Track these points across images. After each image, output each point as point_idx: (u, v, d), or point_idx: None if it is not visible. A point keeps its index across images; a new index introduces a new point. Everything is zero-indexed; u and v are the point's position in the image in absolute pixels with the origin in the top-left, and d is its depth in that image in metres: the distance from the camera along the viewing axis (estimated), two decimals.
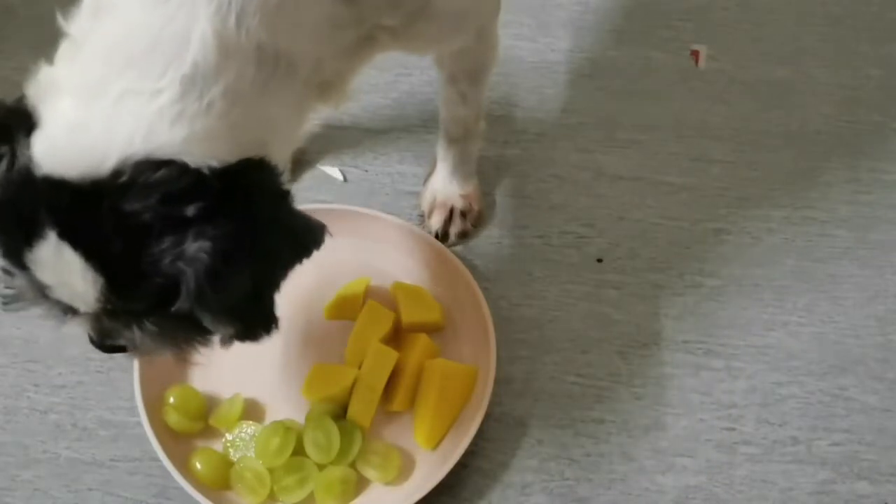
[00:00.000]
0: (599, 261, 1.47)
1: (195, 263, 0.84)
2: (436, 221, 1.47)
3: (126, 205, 0.83)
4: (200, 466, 1.27)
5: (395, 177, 1.54)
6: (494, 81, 1.46)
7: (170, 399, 1.30)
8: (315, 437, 1.27)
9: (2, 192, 0.87)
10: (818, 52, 1.66)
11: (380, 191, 1.53)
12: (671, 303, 1.44)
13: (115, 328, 0.94)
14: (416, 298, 1.38)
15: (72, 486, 1.32)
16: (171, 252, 0.84)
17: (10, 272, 0.90)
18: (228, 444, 1.30)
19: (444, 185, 1.47)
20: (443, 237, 1.46)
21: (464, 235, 1.48)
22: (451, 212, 1.47)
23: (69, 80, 0.86)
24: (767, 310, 1.43)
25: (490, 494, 1.31)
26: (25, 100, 0.88)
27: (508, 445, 1.33)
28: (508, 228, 1.50)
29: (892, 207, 1.51)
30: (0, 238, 0.89)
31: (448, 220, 1.47)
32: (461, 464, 1.28)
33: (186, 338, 0.96)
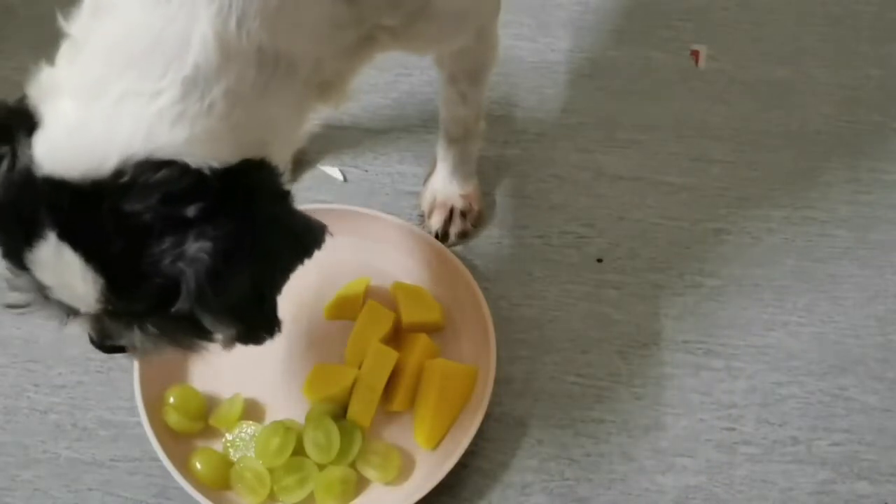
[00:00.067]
0: (599, 261, 1.47)
1: (195, 264, 0.84)
2: (436, 221, 1.47)
3: (127, 205, 0.83)
4: (200, 466, 1.27)
5: (395, 177, 1.54)
6: (494, 81, 1.46)
7: (170, 399, 1.31)
8: (315, 437, 1.27)
9: (2, 193, 0.87)
10: (818, 52, 1.66)
11: (380, 191, 1.53)
12: (671, 303, 1.44)
13: (116, 329, 0.94)
14: (416, 298, 1.38)
15: (72, 486, 1.32)
16: (172, 252, 0.84)
17: (14, 273, 0.90)
18: (228, 444, 1.30)
19: (444, 185, 1.47)
20: (443, 237, 1.46)
21: (464, 235, 1.48)
22: (451, 212, 1.47)
23: (70, 81, 0.86)
24: (767, 310, 1.43)
25: (490, 494, 1.31)
26: (26, 100, 0.88)
27: (508, 445, 1.33)
28: (508, 228, 1.50)
29: (892, 207, 1.51)
30: (1, 238, 0.89)
31: (448, 220, 1.47)
32: (461, 464, 1.28)
33: (187, 338, 0.96)
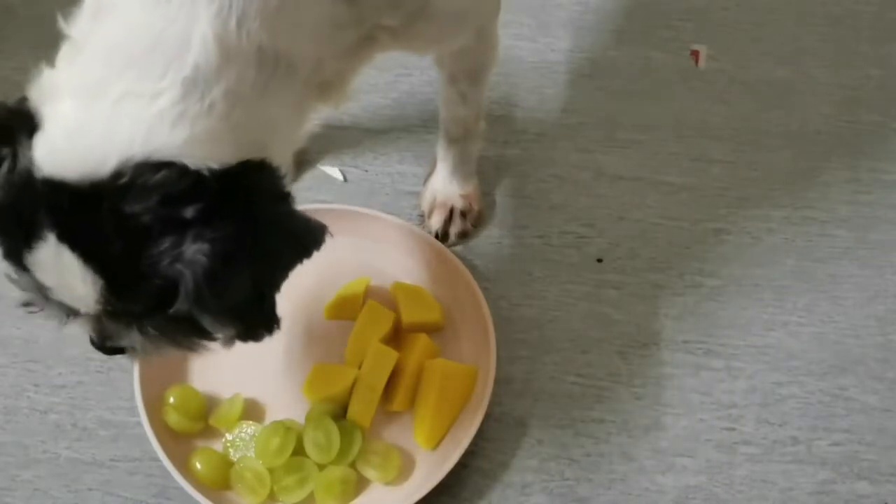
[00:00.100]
0: (599, 261, 1.47)
1: (193, 265, 0.84)
2: (436, 221, 1.47)
3: (125, 206, 0.83)
4: (200, 466, 1.27)
5: (395, 177, 1.54)
6: (494, 81, 1.46)
7: (170, 399, 1.30)
8: (315, 437, 1.27)
9: (3, 194, 0.87)
10: (818, 52, 1.66)
11: (380, 191, 1.53)
12: (671, 303, 1.44)
13: (116, 329, 0.94)
14: (416, 298, 1.38)
15: (72, 486, 1.32)
16: (170, 254, 0.84)
17: (16, 274, 0.90)
18: (228, 444, 1.30)
19: (444, 185, 1.47)
20: (443, 237, 1.46)
21: (464, 235, 1.48)
22: (451, 212, 1.47)
23: (69, 82, 0.86)
24: (767, 310, 1.43)
25: (490, 494, 1.31)
26: (28, 102, 0.88)
27: (508, 445, 1.33)
28: (508, 228, 1.50)
29: (892, 207, 1.51)
30: (1, 239, 0.89)
31: (448, 220, 1.47)
32: (461, 464, 1.28)
33: (186, 339, 0.96)
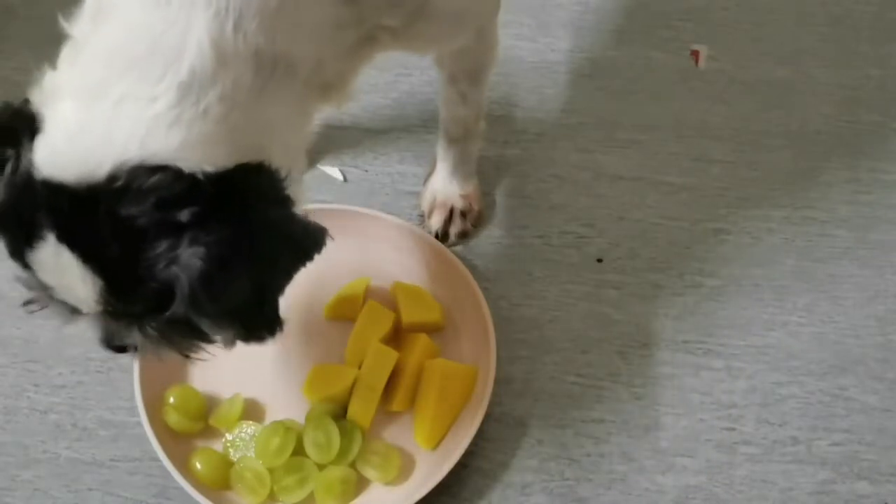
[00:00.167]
0: (599, 261, 1.47)
1: (188, 269, 0.84)
2: (436, 221, 1.47)
3: (121, 209, 0.84)
4: (200, 466, 1.27)
5: (395, 177, 1.54)
6: (494, 81, 1.46)
7: (170, 399, 1.31)
8: (315, 437, 1.27)
9: (6, 195, 0.88)
10: (818, 52, 1.66)
11: (380, 191, 1.53)
12: (671, 303, 1.44)
13: (118, 329, 0.94)
14: (416, 298, 1.38)
15: (72, 486, 1.32)
16: (166, 257, 0.85)
17: (22, 272, 0.91)
18: (228, 444, 1.30)
19: (444, 185, 1.47)
20: (443, 237, 1.46)
21: (464, 235, 1.48)
22: (451, 212, 1.47)
23: (70, 84, 0.87)
24: (767, 310, 1.43)
25: (490, 494, 1.31)
26: (30, 103, 0.89)
27: (508, 445, 1.33)
28: (508, 228, 1.50)
29: (892, 207, 1.52)
30: (4, 239, 0.90)
31: (448, 220, 1.47)
32: (461, 464, 1.28)
33: (186, 341, 0.96)
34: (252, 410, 1.34)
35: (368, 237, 1.43)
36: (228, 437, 1.30)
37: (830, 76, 1.63)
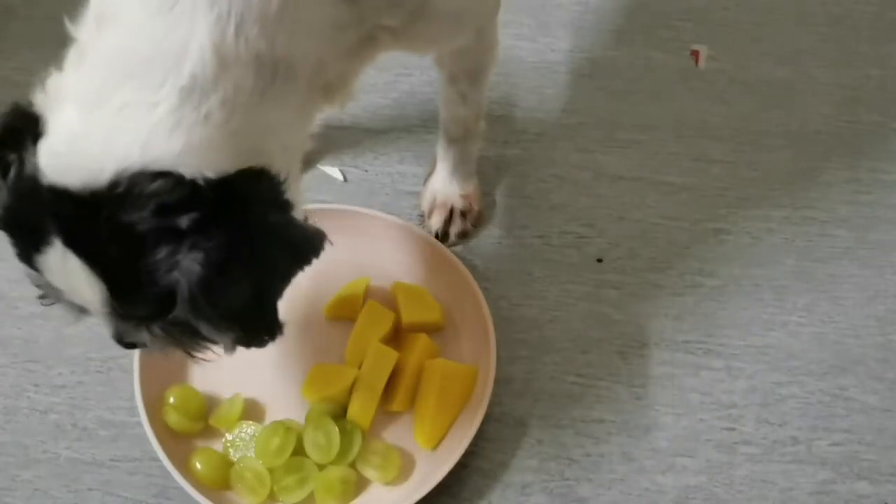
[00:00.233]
0: (599, 261, 1.47)
1: (188, 274, 0.85)
2: (436, 221, 1.47)
3: (123, 216, 0.84)
4: (200, 466, 1.27)
5: (395, 177, 1.54)
6: (494, 81, 1.46)
7: (170, 399, 1.30)
8: (315, 437, 1.27)
9: (12, 199, 0.88)
10: (818, 52, 1.66)
11: (380, 191, 1.53)
12: (671, 303, 1.44)
13: (126, 329, 0.95)
14: (416, 298, 1.38)
15: (72, 486, 1.32)
16: (167, 262, 0.85)
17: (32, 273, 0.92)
18: (228, 444, 1.30)
19: (444, 185, 1.47)
20: (443, 237, 1.46)
21: (464, 235, 1.48)
22: (451, 212, 1.47)
23: (74, 88, 0.87)
24: (767, 310, 1.43)
25: (490, 494, 1.31)
26: (33, 105, 0.89)
27: (508, 445, 1.33)
28: (508, 228, 1.50)
29: (892, 207, 1.52)
30: (14, 242, 0.91)
31: (448, 220, 1.47)
32: (461, 464, 1.28)
33: (191, 342, 0.97)
34: (252, 410, 1.34)
35: (368, 237, 1.43)
36: (228, 437, 1.30)
37: (830, 76, 1.63)
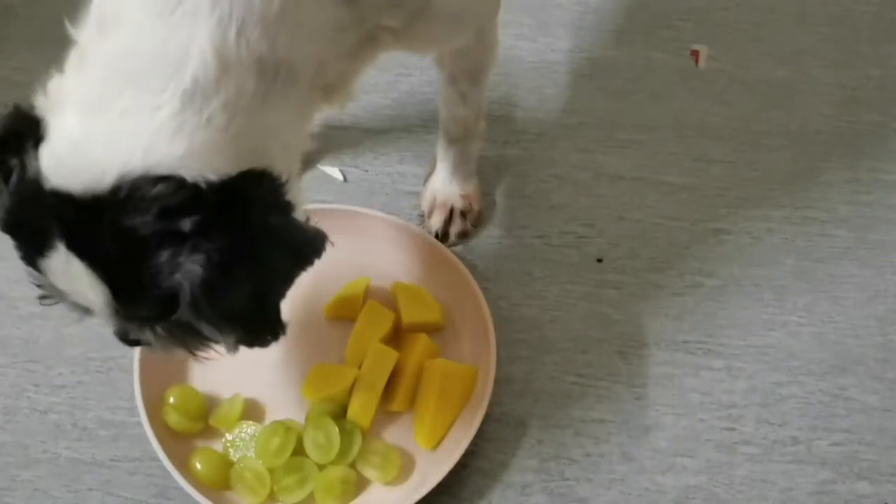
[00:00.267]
0: (599, 261, 1.47)
1: (190, 276, 0.85)
2: (436, 221, 1.47)
3: (125, 220, 0.85)
4: (200, 466, 1.27)
5: (395, 177, 1.54)
6: (494, 81, 1.46)
7: (170, 399, 1.31)
8: (315, 437, 1.27)
9: (15, 203, 0.89)
10: (818, 52, 1.66)
11: (380, 191, 1.53)
12: (671, 303, 1.44)
13: (131, 329, 0.96)
14: (416, 298, 1.38)
15: (72, 486, 1.32)
16: (169, 265, 0.86)
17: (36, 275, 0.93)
18: (228, 444, 1.30)
19: (444, 185, 1.47)
20: (443, 237, 1.46)
21: (464, 235, 1.48)
22: (451, 212, 1.47)
23: (75, 92, 0.87)
24: (767, 310, 1.43)
25: (490, 494, 1.31)
26: (34, 108, 0.89)
27: (508, 445, 1.33)
28: (508, 228, 1.50)
29: (892, 207, 1.52)
30: (17, 245, 0.91)
31: (448, 220, 1.47)
32: (461, 464, 1.28)
33: (195, 341, 0.97)
34: (252, 410, 1.34)
35: (368, 237, 1.43)
36: (228, 437, 1.30)
37: (830, 76, 1.63)
